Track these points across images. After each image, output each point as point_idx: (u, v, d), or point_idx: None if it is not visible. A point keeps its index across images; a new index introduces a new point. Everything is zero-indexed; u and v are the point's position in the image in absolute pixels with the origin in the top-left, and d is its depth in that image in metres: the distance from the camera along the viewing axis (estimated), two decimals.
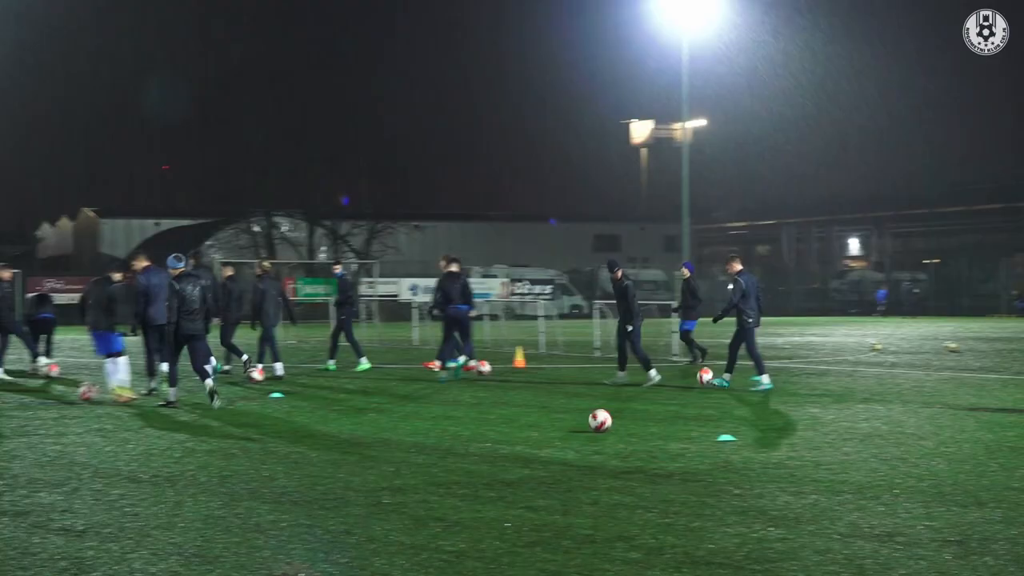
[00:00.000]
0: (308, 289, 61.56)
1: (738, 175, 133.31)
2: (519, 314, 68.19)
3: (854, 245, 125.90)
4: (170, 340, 21.28)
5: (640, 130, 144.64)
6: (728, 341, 24.75)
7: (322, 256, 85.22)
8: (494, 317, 45.50)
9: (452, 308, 26.12)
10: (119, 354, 22.38)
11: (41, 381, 26.04)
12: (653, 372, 24.59)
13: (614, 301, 25.80)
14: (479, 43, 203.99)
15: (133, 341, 23.21)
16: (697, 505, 11.65)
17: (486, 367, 27.09)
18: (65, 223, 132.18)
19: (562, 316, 59.68)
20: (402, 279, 71.70)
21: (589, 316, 45.36)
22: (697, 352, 29.93)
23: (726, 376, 24.20)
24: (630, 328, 24.74)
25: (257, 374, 25.30)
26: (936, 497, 12.10)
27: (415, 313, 43.65)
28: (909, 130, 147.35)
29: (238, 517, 11.02)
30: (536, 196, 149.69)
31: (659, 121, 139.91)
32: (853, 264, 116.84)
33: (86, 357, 28.39)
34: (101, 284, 23.05)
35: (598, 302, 38.94)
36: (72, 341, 34.46)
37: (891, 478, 13.22)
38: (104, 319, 22.49)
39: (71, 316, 26.29)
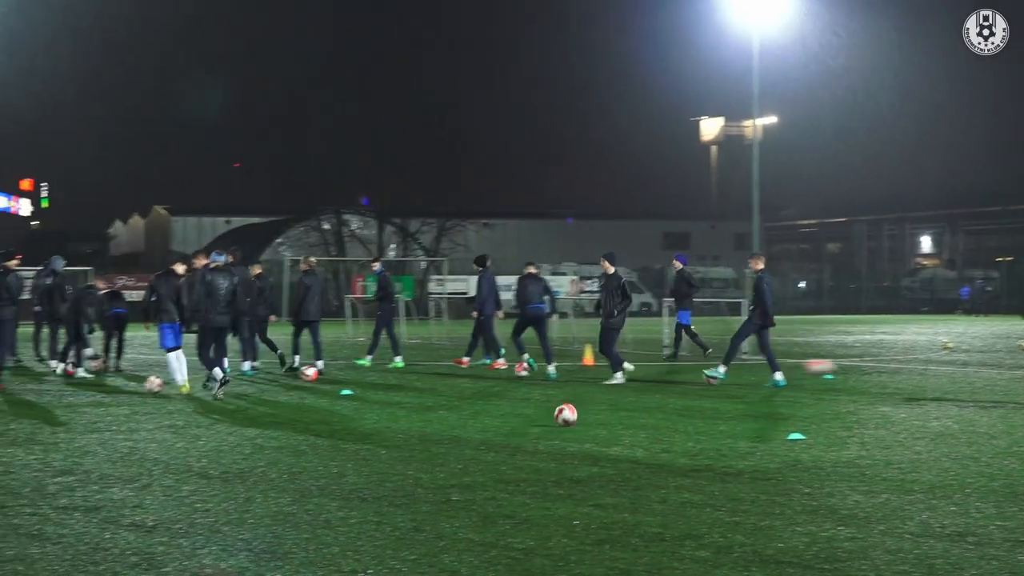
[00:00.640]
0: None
1: (809, 172, 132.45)
2: (588, 312, 68.06)
3: (926, 243, 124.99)
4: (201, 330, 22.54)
5: (710, 127, 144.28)
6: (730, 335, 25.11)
7: (391, 254, 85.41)
8: (563, 315, 45.30)
9: (531, 307, 26.52)
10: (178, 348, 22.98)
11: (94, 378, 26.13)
12: (619, 375, 24.74)
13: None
14: (548, 41, 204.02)
15: (189, 336, 23.52)
16: (766, 503, 11.60)
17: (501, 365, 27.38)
18: (137, 221, 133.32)
19: (631, 314, 59.52)
20: (471, 277, 71.70)
21: (658, 314, 45.22)
22: (699, 345, 31.05)
23: (722, 369, 24.32)
24: (611, 319, 25.05)
25: (311, 372, 25.34)
26: (1009, 497, 12.00)
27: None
28: (982, 127, 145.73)
29: (308, 513, 11.07)
30: (606, 194, 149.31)
31: (729, 118, 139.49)
32: (925, 262, 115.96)
33: (156, 353, 28.55)
34: (168, 278, 23.31)
35: (667, 300, 38.70)
36: (143, 338, 34.67)
37: (963, 477, 13.12)
38: (173, 312, 22.79)
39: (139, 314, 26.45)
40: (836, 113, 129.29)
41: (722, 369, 24.20)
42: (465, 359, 29.41)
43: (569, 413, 17.46)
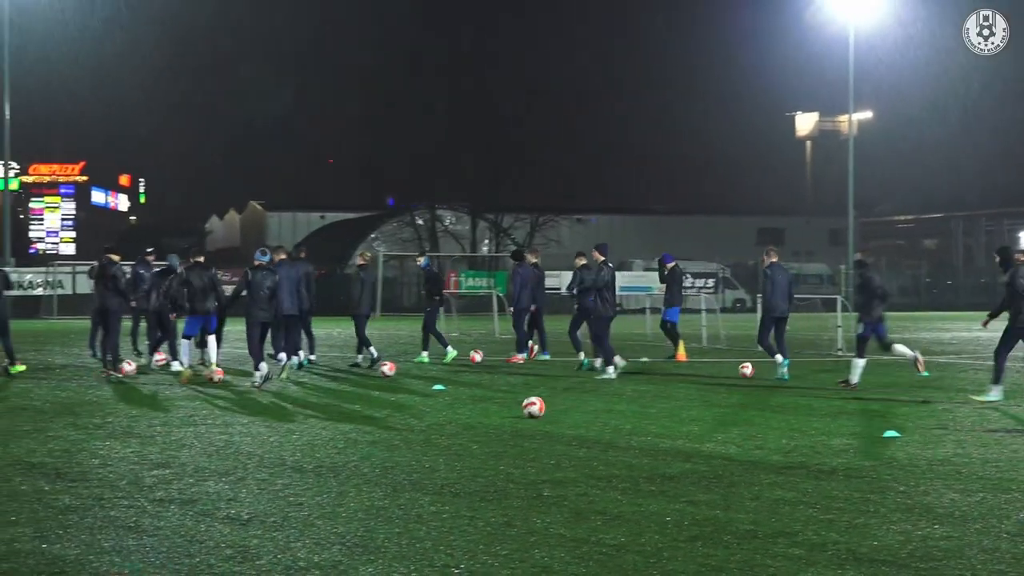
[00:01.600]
0: (471, 282, 61.88)
1: (905, 167, 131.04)
2: (681, 308, 67.86)
3: None
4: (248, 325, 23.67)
5: (805, 123, 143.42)
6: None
7: (484, 249, 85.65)
8: (655, 310, 45.19)
9: (591, 300, 26.61)
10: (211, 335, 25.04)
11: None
12: (611, 369, 24.85)
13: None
14: (641, 37, 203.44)
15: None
16: (861, 501, 11.51)
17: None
18: (233, 216, 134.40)
19: (724, 310, 59.32)
20: (564, 272, 71.69)
21: (752, 310, 44.98)
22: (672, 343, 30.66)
23: (781, 361, 24.58)
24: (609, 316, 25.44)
25: (388, 369, 25.42)
26: None
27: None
28: None
29: (400, 508, 11.11)
30: (700, 189, 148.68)
31: (824, 113, 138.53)
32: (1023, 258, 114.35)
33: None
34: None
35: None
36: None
37: None
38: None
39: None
40: (932, 107, 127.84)
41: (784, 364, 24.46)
42: (521, 355, 29.59)
43: (536, 409, 17.84)
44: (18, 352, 26.03)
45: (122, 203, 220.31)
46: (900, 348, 23.42)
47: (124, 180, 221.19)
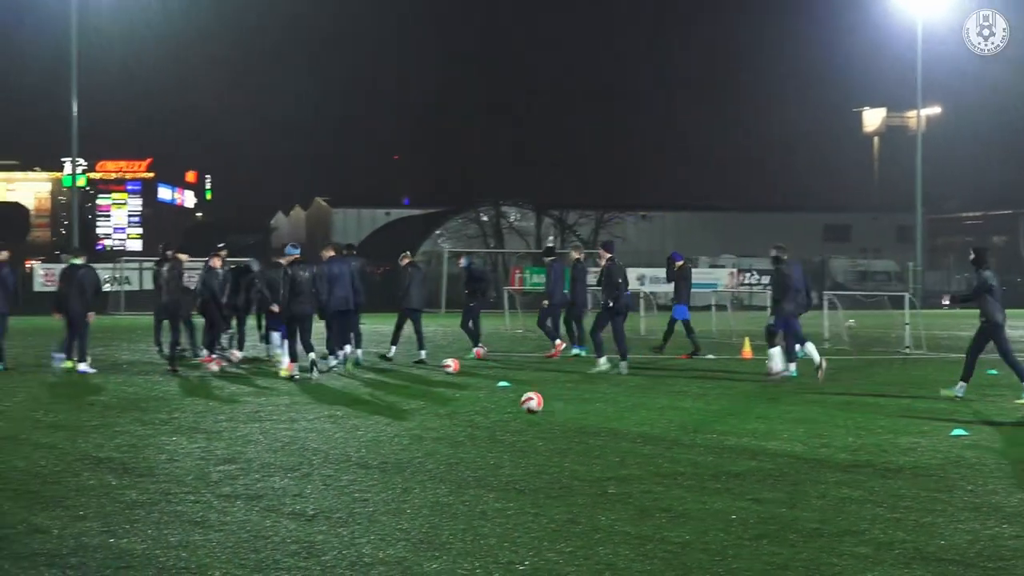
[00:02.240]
0: (535, 279, 61.83)
1: (973, 163, 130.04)
2: (747, 305, 67.69)
3: None
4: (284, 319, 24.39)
5: (872, 118, 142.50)
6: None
7: (549, 246, 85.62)
8: (721, 308, 45.08)
9: (628, 296, 26.77)
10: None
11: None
12: (604, 360, 25.18)
13: (837, 292, 25.74)
14: (707, 33, 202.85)
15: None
16: (928, 500, 11.45)
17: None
18: (298, 212, 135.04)
19: None
20: (630, 269, 71.59)
21: (819, 307, 44.79)
22: (674, 341, 30.77)
23: (792, 366, 24.48)
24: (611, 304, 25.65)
25: (452, 364, 25.47)
26: None
27: (642, 303, 43.47)
28: None
29: (465, 504, 11.14)
30: (765, 186, 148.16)
31: (892, 109, 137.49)
32: None
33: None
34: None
35: (828, 293, 38.35)
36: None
37: None
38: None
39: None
40: (1001, 102, 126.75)
41: (793, 366, 24.47)
42: (556, 351, 29.76)
43: (534, 404, 17.93)
44: (65, 363, 26.22)
45: (188, 199, 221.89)
46: (810, 348, 24.20)
47: (190, 177, 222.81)
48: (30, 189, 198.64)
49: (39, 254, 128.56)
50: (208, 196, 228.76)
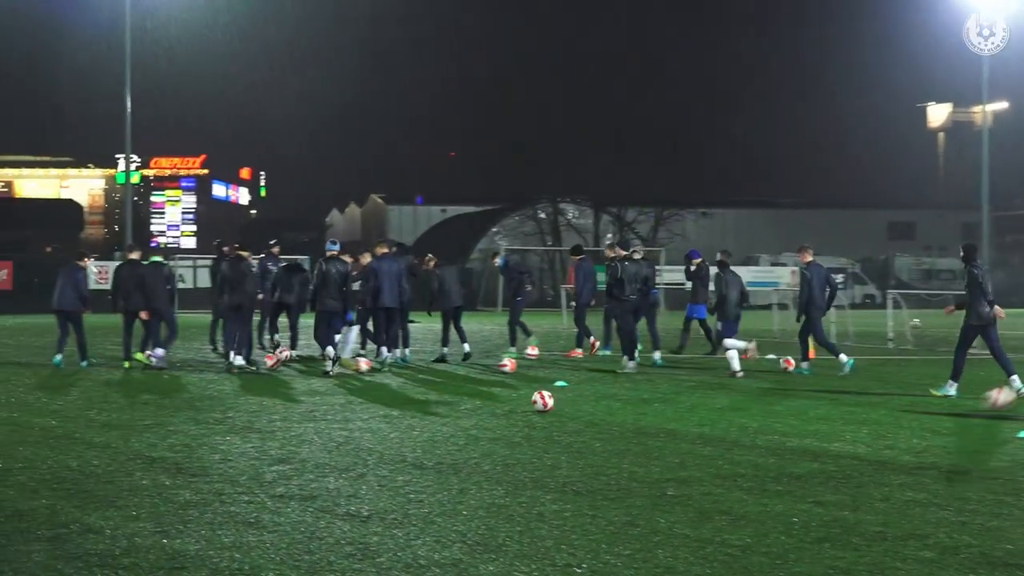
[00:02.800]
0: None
1: None
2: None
3: None
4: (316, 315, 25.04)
5: (937, 114, 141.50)
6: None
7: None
8: (783, 307, 44.84)
9: (654, 293, 26.91)
10: (351, 324, 25.95)
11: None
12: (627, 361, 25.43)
13: (902, 291, 25.74)
14: (770, 28, 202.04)
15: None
16: (995, 504, 11.36)
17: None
18: (354, 209, 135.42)
19: (853, 306, 58.68)
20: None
21: (882, 306, 44.45)
22: (705, 343, 31.14)
23: (804, 365, 25.48)
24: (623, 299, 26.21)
25: (509, 363, 25.50)
26: None
27: None
28: None
29: (521, 506, 11.13)
30: (827, 182, 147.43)
31: (958, 104, 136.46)
32: None
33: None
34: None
35: (892, 292, 38.12)
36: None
37: None
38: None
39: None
40: None
41: (805, 365, 25.39)
42: (577, 350, 29.98)
43: (542, 404, 18.21)
44: (138, 347, 26.52)
45: (243, 197, 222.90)
46: (732, 352, 24.95)
47: (245, 173, 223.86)
48: (84, 186, 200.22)
49: (93, 251, 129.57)
50: (263, 193, 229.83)
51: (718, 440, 15.40)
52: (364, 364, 24.74)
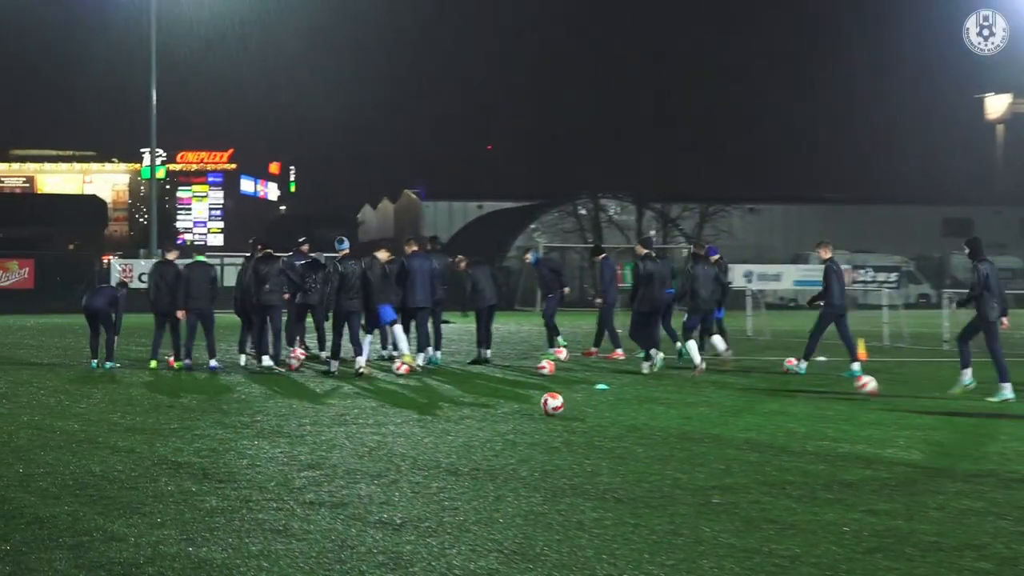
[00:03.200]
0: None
1: None
2: (861, 303, 67.18)
3: None
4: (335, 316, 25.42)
5: (996, 105, 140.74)
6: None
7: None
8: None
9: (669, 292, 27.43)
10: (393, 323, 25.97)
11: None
12: (646, 365, 25.88)
13: (958, 290, 25.80)
14: (816, 17, 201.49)
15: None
16: None
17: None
18: (386, 205, 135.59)
19: (908, 306, 58.54)
20: (736, 265, 71.13)
21: (938, 306, 44.28)
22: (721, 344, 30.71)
23: (802, 364, 25.92)
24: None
25: (548, 365, 25.54)
26: None
27: (749, 301, 43.27)
28: None
29: (560, 514, 11.12)
30: (880, 177, 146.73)
31: (1017, 95, 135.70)
32: None
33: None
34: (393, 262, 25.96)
35: (947, 291, 37.96)
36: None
37: None
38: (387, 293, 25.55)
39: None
40: None
41: (803, 364, 25.89)
42: (593, 349, 30.33)
43: (553, 401, 18.40)
44: (164, 348, 26.69)
45: (272, 192, 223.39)
46: (692, 348, 25.88)
47: (274, 168, 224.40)
48: (107, 181, 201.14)
49: (116, 249, 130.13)
50: (292, 188, 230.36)
51: (766, 445, 15.36)
52: (403, 367, 24.97)
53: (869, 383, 21.77)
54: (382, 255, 25.48)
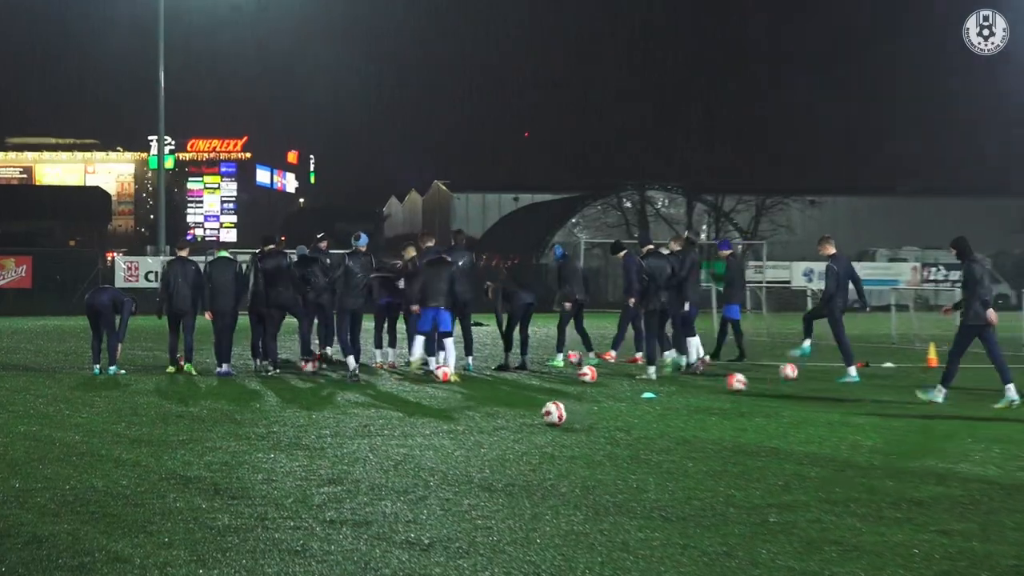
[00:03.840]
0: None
1: None
2: (932, 304, 66.90)
3: None
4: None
5: None
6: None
7: (702, 236, 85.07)
8: (902, 308, 44.63)
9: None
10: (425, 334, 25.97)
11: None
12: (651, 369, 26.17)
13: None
14: (896, 5, 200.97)
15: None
16: None
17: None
18: (415, 198, 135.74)
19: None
20: (795, 263, 71.09)
21: (1018, 307, 44.13)
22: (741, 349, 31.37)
23: (805, 345, 26.92)
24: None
25: (589, 371, 25.56)
26: None
27: (809, 302, 43.21)
28: None
29: (602, 534, 11.12)
30: (954, 167, 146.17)
31: None
32: None
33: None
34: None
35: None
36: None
37: None
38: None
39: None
40: None
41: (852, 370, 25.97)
42: (612, 352, 30.34)
43: (554, 418, 18.34)
44: (168, 369, 26.90)
45: (290, 183, 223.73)
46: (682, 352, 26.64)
47: (292, 157, 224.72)
48: (112, 172, 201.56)
49: (121, 245, 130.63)
50: (312, 179, 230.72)
51: (828, 460, 15.33)
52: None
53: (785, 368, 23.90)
54: (409, 252, 25.74)
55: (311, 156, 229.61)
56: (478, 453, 15.75)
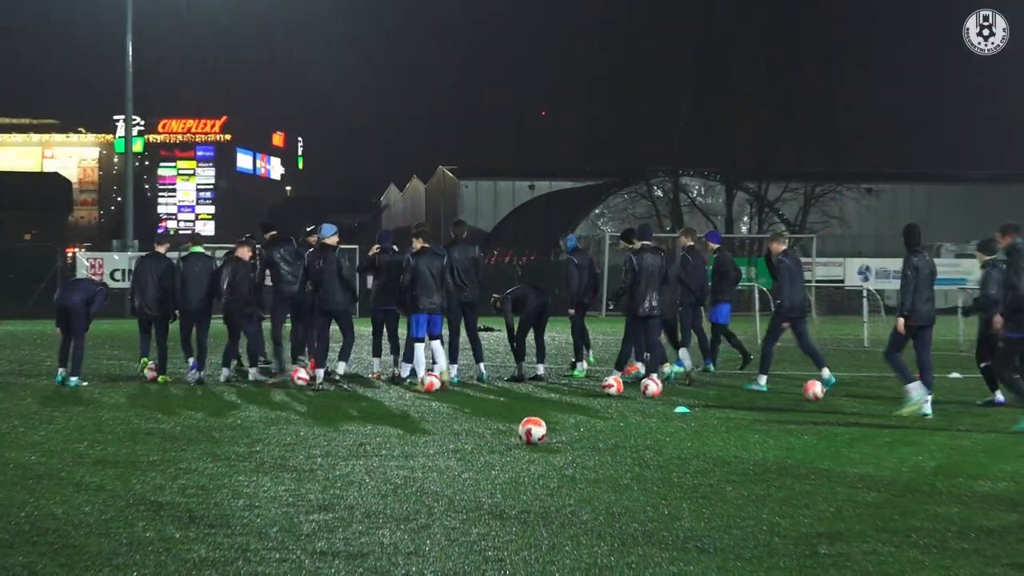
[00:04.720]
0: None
1: None
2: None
3: None
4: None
5: None
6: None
7: (743, 229, 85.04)
8: (968, 311, 44.51)
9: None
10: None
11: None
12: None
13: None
14: None
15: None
16: None
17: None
18: (416, 186, 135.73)
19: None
20: (848, 259, 71.01)
21: None
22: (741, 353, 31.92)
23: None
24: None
25: (615, 389, 25.60)
26: None
27: (865, 304, 43.14)
28: None
29: (630, 567, 11.12)
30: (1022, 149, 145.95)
31: None
32: None
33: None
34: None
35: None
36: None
37: None
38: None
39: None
40: None
41: (763, 380, 26.55)
42: (637, 364, 29.95)
43: (533, 435, 18.31)
44: (142, 360, 26.92)
45: (275, 169, 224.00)
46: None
47: (277, 140, 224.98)
48: (73, 156, 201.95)
49: (84, 239, 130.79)
50: (300, 164, 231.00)
51: (885, 483, 15.33)
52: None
53: (649, 386, 24.55)
54: (417, 244, 25.89)
55: (299, 138, 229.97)
56: (488, 475, 15.76)
